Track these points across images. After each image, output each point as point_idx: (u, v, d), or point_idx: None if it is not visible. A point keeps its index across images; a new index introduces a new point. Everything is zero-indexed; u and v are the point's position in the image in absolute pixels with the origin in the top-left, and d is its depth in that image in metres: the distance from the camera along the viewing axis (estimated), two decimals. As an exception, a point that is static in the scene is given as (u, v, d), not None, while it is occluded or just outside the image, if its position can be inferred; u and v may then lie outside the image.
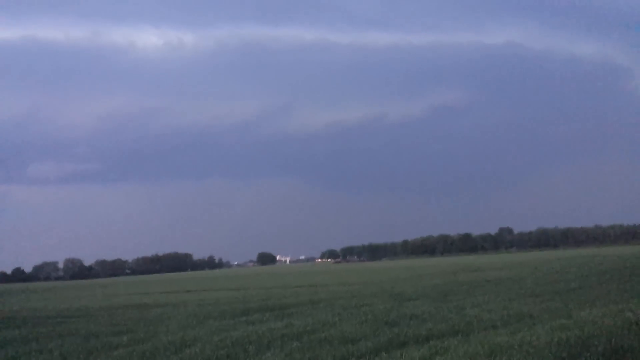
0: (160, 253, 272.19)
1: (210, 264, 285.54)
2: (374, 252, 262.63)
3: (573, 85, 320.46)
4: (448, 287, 26.82)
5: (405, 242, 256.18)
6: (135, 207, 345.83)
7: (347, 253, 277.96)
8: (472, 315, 14.45)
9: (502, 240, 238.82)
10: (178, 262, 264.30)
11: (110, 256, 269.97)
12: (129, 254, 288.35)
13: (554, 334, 10.58)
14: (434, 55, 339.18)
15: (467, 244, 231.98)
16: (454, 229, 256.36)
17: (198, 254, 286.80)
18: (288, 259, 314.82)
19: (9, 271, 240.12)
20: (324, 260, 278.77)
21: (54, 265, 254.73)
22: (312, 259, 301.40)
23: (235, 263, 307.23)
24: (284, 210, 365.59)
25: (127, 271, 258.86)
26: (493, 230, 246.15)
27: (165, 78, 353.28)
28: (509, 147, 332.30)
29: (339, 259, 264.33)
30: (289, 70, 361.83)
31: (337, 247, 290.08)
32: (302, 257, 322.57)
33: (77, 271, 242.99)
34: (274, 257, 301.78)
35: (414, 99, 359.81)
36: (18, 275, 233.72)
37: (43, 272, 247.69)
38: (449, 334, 11.81)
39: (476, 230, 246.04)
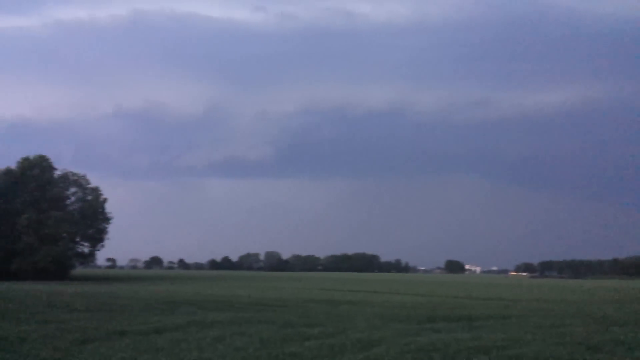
0: (349, 252, 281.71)
1: (397, 267, 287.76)
2: (577, 268, 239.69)
3: None
4: (666, 315, 23.37)
5: (615, 261, 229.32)
6: (328, 206, 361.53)
7: (546, 268, 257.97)
8: (696, 350, 12.41)
9: None
10: (365, 263, 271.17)
11: (304, 252, 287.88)
12: (321, 251, 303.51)
13: None
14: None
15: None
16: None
17: (385, 256, 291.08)
18: (478, 269, 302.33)
19: (218, 259, 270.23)
20: (518, 273, 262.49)
21: (256, 256, 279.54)
22: (505, 271, 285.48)
23: (422, 268, 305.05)
24: (476, 214, 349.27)
25: (319, 267, 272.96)
26: None
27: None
28: None
29: (535, 274, 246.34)
30: (486, 53, 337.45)
31: (535, 260, 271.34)
32: (494, 268, 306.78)
33: (275, 263, 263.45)
34: (463, 266, 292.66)
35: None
36: (226, 264, 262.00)
37: (247, 262, 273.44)
38: (665, 368, 10.30)
39: None
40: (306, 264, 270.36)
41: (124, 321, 16.32)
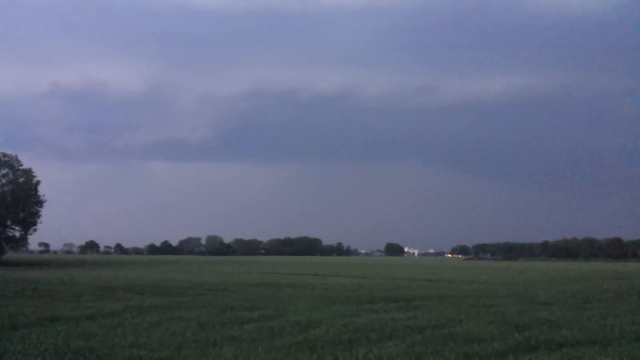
0: (292, 236, 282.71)
1: (339, 250, 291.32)
2: (510, 251, 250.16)
3: None
4: (590, 294, 24.81)
5: (545, 244, 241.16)
6: (272, 190, 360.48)
7: (480, 250, 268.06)
8: (614, 325, 13.26)
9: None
10: (308, 246, 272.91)
11: (247, 236, 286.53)
12: (264, 235, 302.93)
13: None
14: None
15: (616, 250, 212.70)
16: (602, 233, 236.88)
17: (327, 240, 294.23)
18: (416, 252, 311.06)
19: (158, 243, 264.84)
20: (454, 255, 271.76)
21: (197, 240, 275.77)
22: (442, 254, 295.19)
23: (363, 252, 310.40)
24: (415, 199, 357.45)
25: (262, 251, 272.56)
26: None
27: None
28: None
29: (470, 256, 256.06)
30: (434, 40, 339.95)
31: (470, 243, 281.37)
32: (431, 250, 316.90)
33: (217, 247, 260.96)
34: (402, 249, 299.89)
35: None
36: (166, 248, 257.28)
37: (187, 247, 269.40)
38: (585, 343, 10.96)
39: (628, 235, 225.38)
40: (248, 248, 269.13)
41: (56, 307, 15.82)
